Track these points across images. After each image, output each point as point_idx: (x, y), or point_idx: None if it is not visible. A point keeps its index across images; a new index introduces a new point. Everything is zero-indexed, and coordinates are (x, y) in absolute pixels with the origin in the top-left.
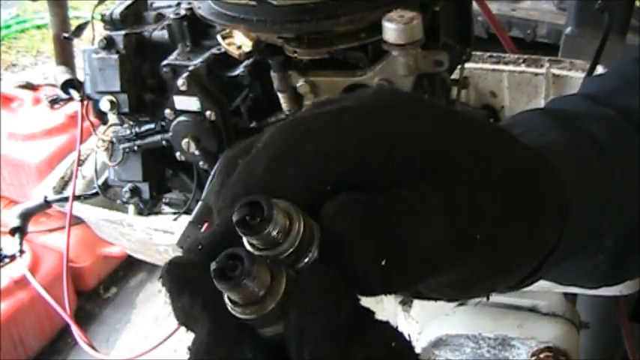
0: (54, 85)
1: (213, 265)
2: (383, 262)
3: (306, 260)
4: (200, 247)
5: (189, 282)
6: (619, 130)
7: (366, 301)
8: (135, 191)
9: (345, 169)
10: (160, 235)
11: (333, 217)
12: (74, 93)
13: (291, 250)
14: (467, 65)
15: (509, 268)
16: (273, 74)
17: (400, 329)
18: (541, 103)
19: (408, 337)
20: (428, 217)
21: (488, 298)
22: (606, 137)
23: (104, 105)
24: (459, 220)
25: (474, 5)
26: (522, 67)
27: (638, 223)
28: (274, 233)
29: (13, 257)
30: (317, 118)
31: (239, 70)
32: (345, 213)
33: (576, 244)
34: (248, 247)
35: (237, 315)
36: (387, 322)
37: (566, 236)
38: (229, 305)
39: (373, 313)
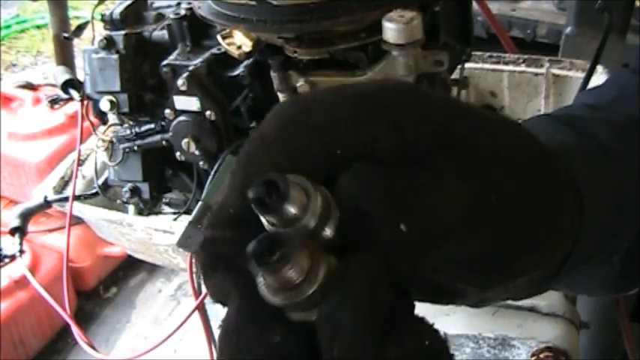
0: (54, 85)
1: (250, 247)
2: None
3: (326, 233)
4: (231, 214)
5: (224, 258)
6: (626, 133)
7: None
8: (135, 191)
9: (355, 138)
10: (160, 235)
11: (354, 193)
12: (74, 93)
13: (312, 225)
14: (467, 65)
15: (525, 247)
16: (273, 74)
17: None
18: (541, 103)
19: (443, 335)
20: (443, 193)
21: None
22: (613, 139)
23: (104, 105)
24: (474, 196)
25: (474, 5)
26: (522, 67)
27: None
28: (293, 210)
29: (13, 257)
30: (323, 93)
31: (239, 70)
32: (368, 187)
33: (593, 245)
34: (267, 226)
35: (270, 300)
36: (423, 319)
37: (583, 235)
38: (262, 289)
39: (410, 306)
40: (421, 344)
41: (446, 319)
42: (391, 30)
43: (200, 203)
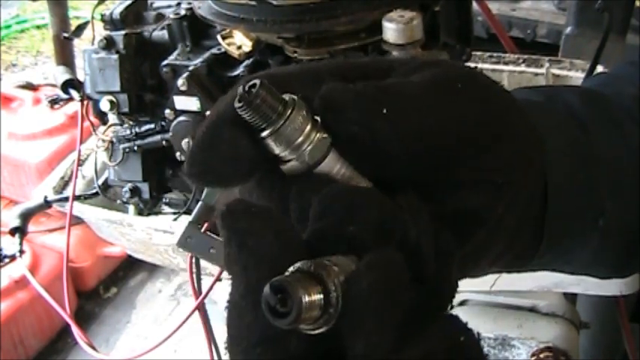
0: (54, 85)
1: (265, 297)
2: None
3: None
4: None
5: (245, 234)
6: (599, 103)
7: None
8: (135, 191)
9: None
10: (160, 235)
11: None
12: (74, 93)
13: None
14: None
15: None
16: None
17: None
18: None
19: (476, 335)
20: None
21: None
22: (582, 105)
23: (104, 105)
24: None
25: (474, 5)
26: (522, 67)
27: None
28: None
29: (13, 257)
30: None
31: (239, 70)
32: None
33: (573, 208)
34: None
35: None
36: (455, 318)
37: (557, 196)
38: (270, 316)
39: (439, 304)
40: (447, 345)
41: None
42: (391, 30)
43: (200, 203)
